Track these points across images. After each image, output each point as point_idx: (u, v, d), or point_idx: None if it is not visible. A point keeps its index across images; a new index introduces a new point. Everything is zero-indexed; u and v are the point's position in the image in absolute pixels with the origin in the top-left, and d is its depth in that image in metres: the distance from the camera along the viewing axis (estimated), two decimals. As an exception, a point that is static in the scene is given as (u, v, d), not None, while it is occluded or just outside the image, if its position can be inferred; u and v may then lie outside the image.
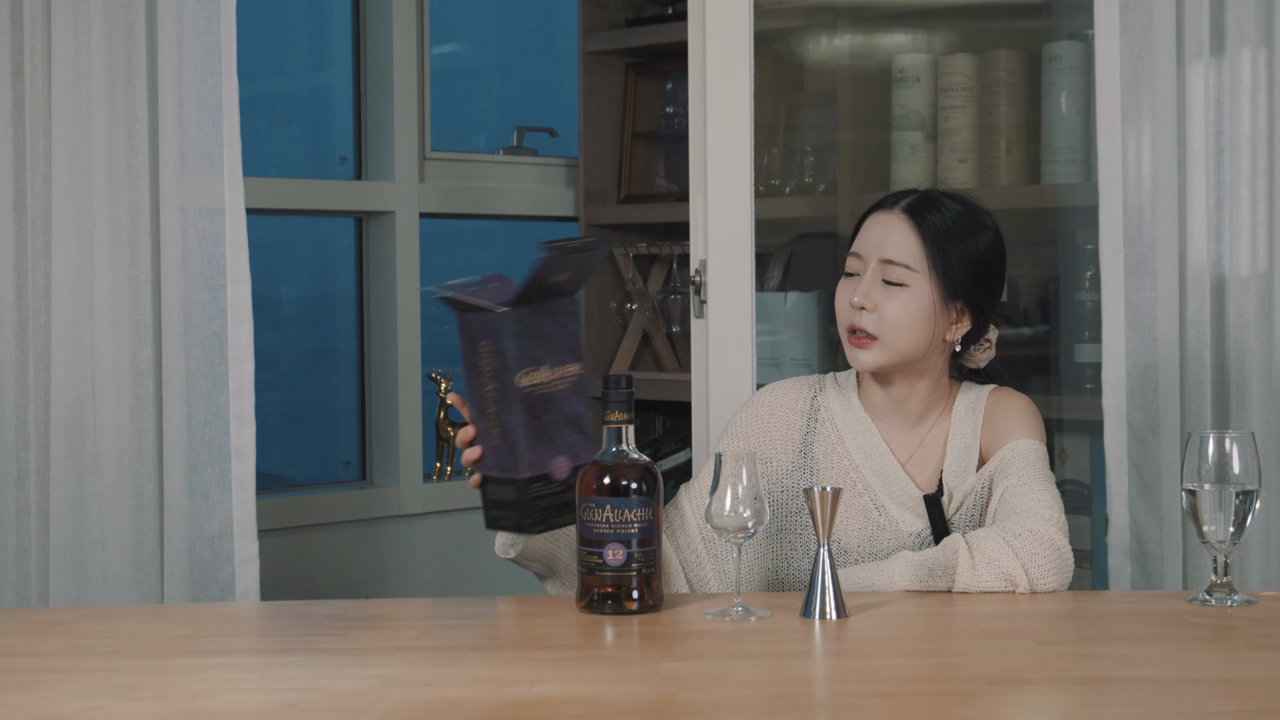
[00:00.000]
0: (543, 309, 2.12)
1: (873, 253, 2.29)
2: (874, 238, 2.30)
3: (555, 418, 2.12)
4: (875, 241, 2.29)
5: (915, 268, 2.27)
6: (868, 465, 2.33)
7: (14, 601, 2.67)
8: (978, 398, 2.35)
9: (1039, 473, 2.25)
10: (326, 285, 4.33)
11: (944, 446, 2.33)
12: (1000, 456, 2.27)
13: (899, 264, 2.27)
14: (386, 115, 3.83)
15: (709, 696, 1.71)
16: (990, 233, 2.33)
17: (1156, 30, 2.67)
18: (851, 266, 2.32)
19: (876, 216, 2.32)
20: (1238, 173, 2.68)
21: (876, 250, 2.28)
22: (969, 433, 2.32)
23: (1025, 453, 2.26)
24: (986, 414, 2.33)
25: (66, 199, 2.66)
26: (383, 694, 1.71)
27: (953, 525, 2.29)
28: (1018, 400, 2.34)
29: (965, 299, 2.30)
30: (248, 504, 2.73)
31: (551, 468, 2.12)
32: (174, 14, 2.68)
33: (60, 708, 1.67)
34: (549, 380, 2.12)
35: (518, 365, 2.10)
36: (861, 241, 2.31)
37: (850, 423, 2.36)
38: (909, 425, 2.35)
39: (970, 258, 2.29)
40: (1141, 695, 1.70)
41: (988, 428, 2.32)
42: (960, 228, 2.29)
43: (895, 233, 2.28)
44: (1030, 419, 2.31)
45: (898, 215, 2.29)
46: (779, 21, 3.60)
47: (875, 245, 2.29)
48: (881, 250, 2.28)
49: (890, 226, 2.29)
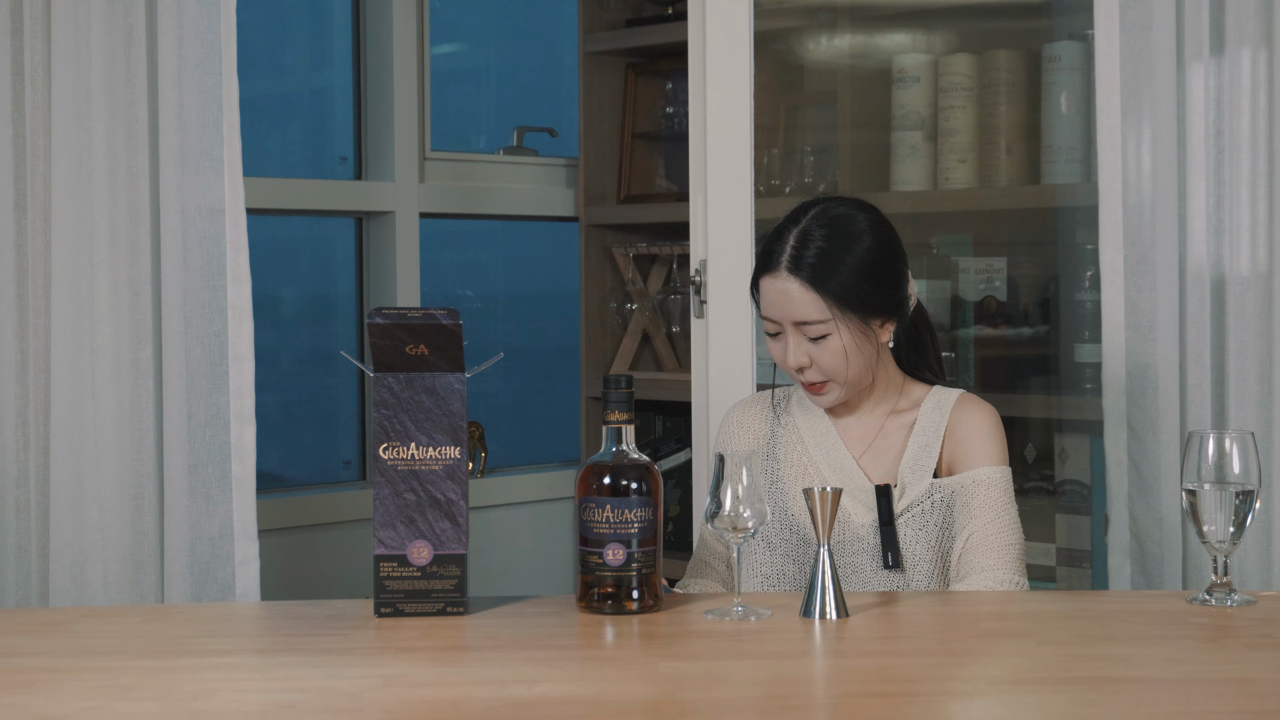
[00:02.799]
0: (418, 383, 2.05)
1: (784, 318, 2.32)
2: (778, 304, 2.32)
3: (420, 498, 2.05)
4: (780, 308, 2.31)
5: (827, 319, 2.30)
6: (825, 462, 2.38)
7: (14, 601, 2.67)
8: (945, 400, 2.38)
9: (1005, 511, 2.30)
10: (326, 285, 4.33)
11: (905, 441, 2.37)
12: (965, 483, 2.32)
13: (812, 322, 2.30)
14: (386, 115, 3.83)
15: (709, 696, 1.71)
16: (866, 237, 2.32)
17: (1156, 30, 2.67)
18: (771, 329, 2.35)
19: (768, 279, 2.33)
20: (1238, 173, 2.68)
21: (786, 316, 2.31)
22: (931, 432, 2.36)
23: (991, 485, 2.31)
24: (953, 421, 2.36)
25: (66, 199, 2.66)
26: (383, 694, 1.71)
27: (900, 522, 2.32)
28: (985, 415, 2.36)
29: (882, 312, 2.33)
30: (248, 504, 2.73)
31: (408, 550, 2.06)
32: (174, 14, 2.68)
33: (60, 708, 1.67)
34: (417, 458, 2.05)
35: (380, 435, 2.04)
36: (767, 306, 2.34)
37: (810, 425, 2.42)
38: (866, 418, 2.40)
39: (867, 279, 2.31)
40: (1141, 695, 1.70)
41: (953, 437, 2.35)
42: (845, 258, 2.30)
43: (793, 297, 2.30)
44: (997, 438, 2.35)
45: (787, 279, 2.30)
46: (779, 21, 3.60)
47: (782, 312, 2.31)
48: (790, 315, 2.31)
49: (786, 293, 2.30)
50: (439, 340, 2.03)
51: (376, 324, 2.03)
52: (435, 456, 2.05)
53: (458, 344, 2.04)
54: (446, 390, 2.05)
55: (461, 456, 2.06)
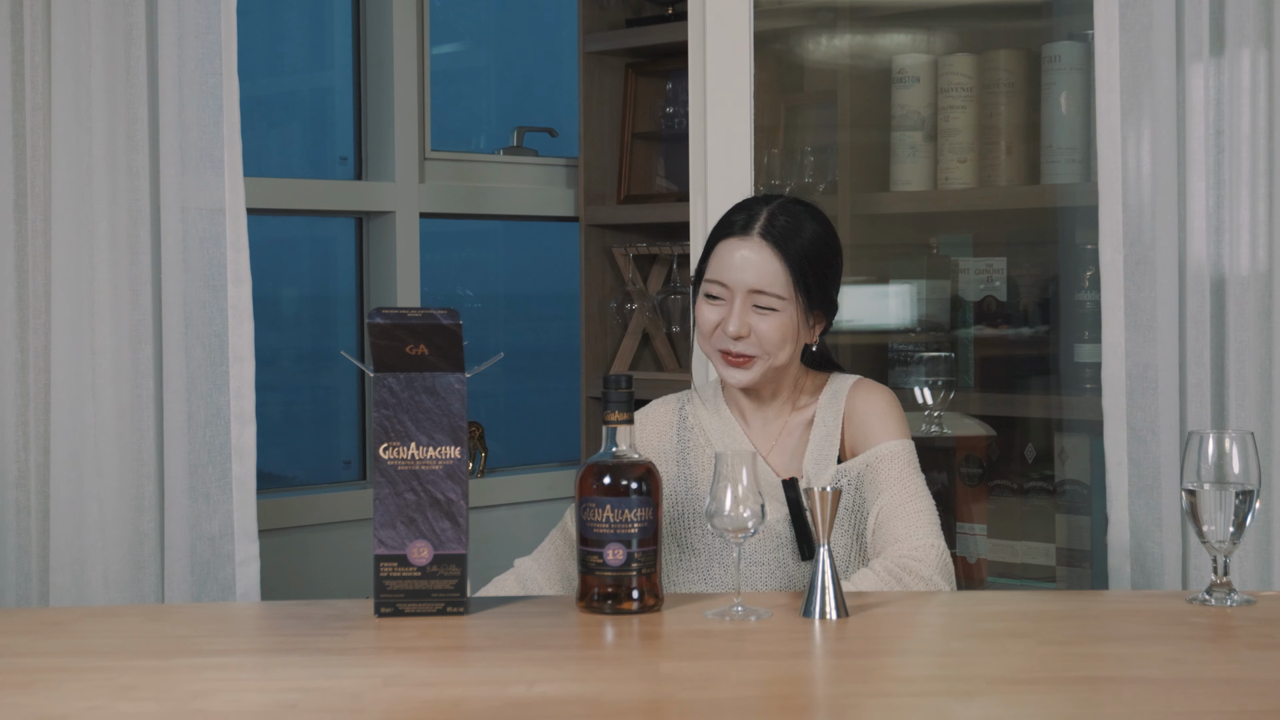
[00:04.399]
0: (418, 383, 2.05)
1: (739, 283, 2.32)
2: (739, 268, 2.32)
3: (420, 498, 2.05)
4: (740, 271, 2.32)
5: (783, 294, 2.32)
6: None
7: (14, 601, 2.67)
8: (841, 388, 2.42)
9: (910, 480, 2.33)
10: (326, 285, 4.33)
11: (807, 434, 2.41)
12: (869, 460, 2.35)
13: (769, 293, 2.32)
14: (386, 115, 3.83)
15: (709, 696, 1.71)
16: (826, 230, 2.38)
17: (1156, 30, 2.66)
18: (718, 292, 2.34)
19: (734, 242, 2.34)
20: (1238, 173, 2.68)
21: (743, 281, 2.32)
22: (831, 422, 2.40)
23: (893, 458, 2.34)
24: (849, 407, 2.40)
25: (66, 199, 2.66)
26: (383, 694, 1.71)
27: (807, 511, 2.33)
28: (880, 395, 2.40)
29: (824, 308, 2.38)
30: (248, 504, 2.72)
31: (408, 550, 2.06)
32: (174, 14, 2.68)
33: (60, 708, 1.67)
34: (417, 458, 2.06)
35: (380, 435, 2.05)
36: (723, 270, 2.34)
37: (716, 426, 2.44)
38: (772, 418, 2.43)
39: (822, 266, 2.35)
40: (1141, 695, 1.70)
41: (851, 422, 2.39)
42: (814, 245, 2.34)
43: (760, 264, 2.32)
44: (894, 415, 2.39)
45: (760, 244, 2.32)
46: (779, 21, 3.60)
47: (741, 275, 2.32)
48: (749, 282, 2.32)
49: (754, 256, 2.32)
50: (439, 340, 2.03)
51: (376, 324, 2.03)
52: (435, 456, 2.05)
53: (458, 344, 2.04)
54: (446, 390, 2.05)
55: (461, 456, 2.06)
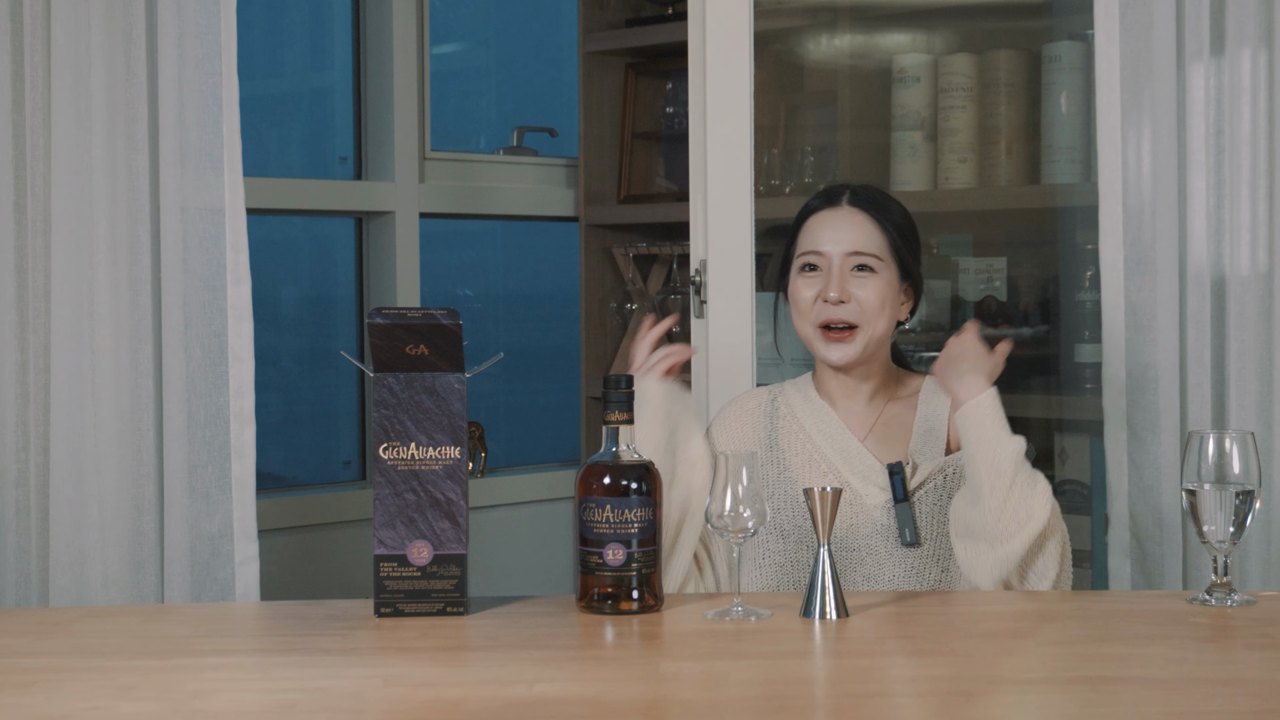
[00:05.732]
0: (418, 383, 2.05)
1: (836, 248, 2.37)
2: (831, 234, 2.38)
3: (420, 498, 2.05)
4: (834, 237, 2.38)
5: (881, 255, 2.37)
6: (830, 446, 2.40)
7: (14, 601, 2.67)
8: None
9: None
10: (326, 285, 4.33)
11: (910, 426, 2.41)
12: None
13: (867, 254, 2.37)
14: (386, 115, 3.83)
15: (709, 696, 1.71)
16: (900, 203, 2.45)
17: (1156, 30, 2.67)
18: (815, 262, 2.39)
19: (824, 215, 2.41)
20: (1238, 173, 2.68)
21: (840, 245, 2.37)
22: (936, 415, 2.40)
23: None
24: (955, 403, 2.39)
25: (66, 199, 2.66)
26: (383, 694, 1.71)
27: (914, 499, 2.34)
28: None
29: (910, 277, 2.42)
30: (248, 504, 2.72)
31: (408, 550, 2.06)
32: (174, 14, 2.68)
33: (60, 708, 1.67)
34: (417, 458, 2.06)
35: (380, 435, 2.05)
36: (818, 240, 2.39)
37: (809, 411, 2.44)
38: (865, 405, 2.43)
39: (913, 242, 2.42)
40: (1141, 695, 1.70)
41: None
42: (901, 215, 2.42)
43: (855, 226, 2.38)
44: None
45: (851, 210, 2.40)
46: (779, 21, 3.60)
47: (836, 240, 2.38)
48: (846, 244, 2.37)
49: (847, 221, 2.39)
50: (439, 340, 2.03)
51: (376, 324, 2.03)
52: (435, 456, 2.05)
53: (458, 344, 2.04)
54: (446, 390, 2.05)
55: (461, 456, 2.06)
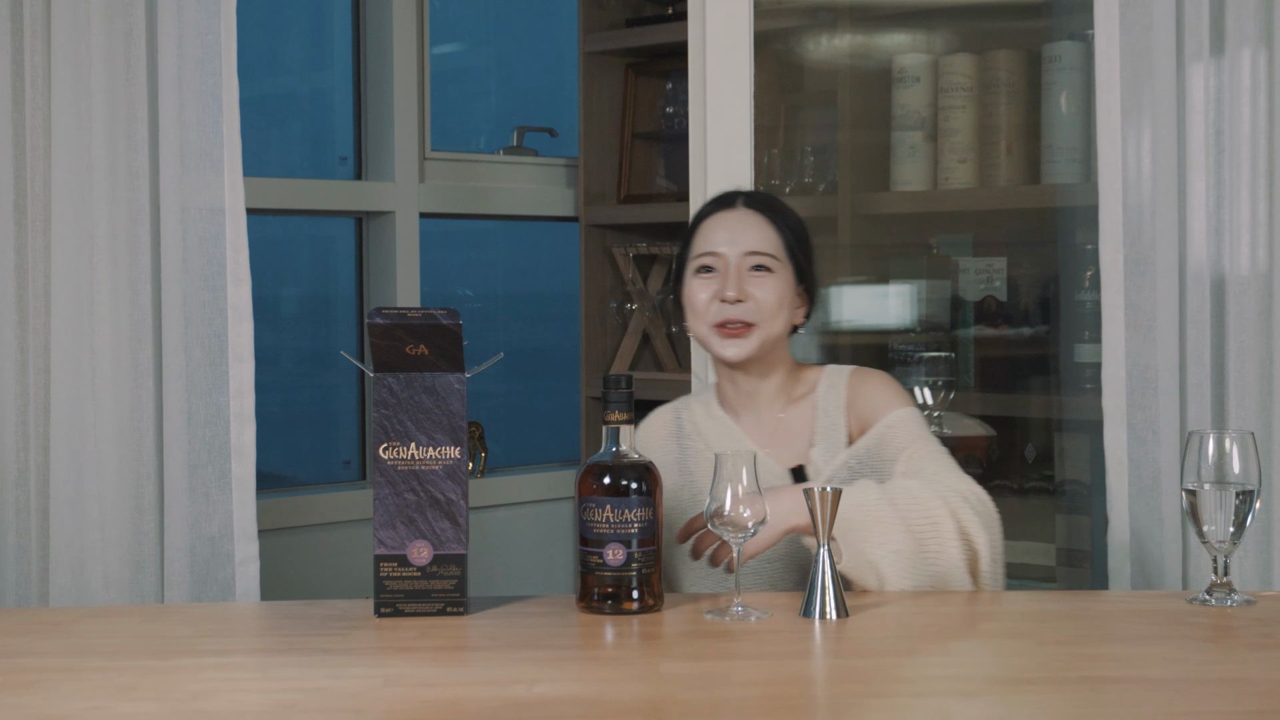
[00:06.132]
0: (417, 383, 2.05)
1: (733, 248, 2.39)
2: (727, 234, 2.41)
3: (420, 498, 2.05)
4: (730, 238, 2.40)
5: (777, 255, 2.40)
6: None
7: (14, 601, 2.67)
8: (838, 379, 2.44)
9: (927, 440, 2.36)
10: (326, 285, 4.33)
11: (811, 426, 2.42)
12: (880, 433, 2.37)
13: (764, 253, 2.39)
14: (386, 115, 3.83)
15: (709, 696, 1.71)
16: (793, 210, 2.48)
17: (1156, 30, 2.67)
18: (711, 264, 2.40)
19: (721, 216, 2.44)
20: (1238, 173, 2.68)
21: (737, 245, 2.40)
22: (834, 411, 2.42)
23: (904, 423, 2.37)
24: (850, 394, 2.42)
25: (66, 199, 2.66)
26: (383, 694, 1.71)
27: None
28: (880, 377, 2.45)
29: (806, 280, 2.44)
30: (248, 504, 2.72)
31: (408, 550, 2.06)
32: (174, 14, 2.68)
33: (60, 708, 1.67)
34: (417, 458, 2.06)
35: (380, 435, 2.05)
36: (714, 241, 2.41)
37: (712, 426, 2.47)
38: (765, 413, 2.44)
39: (808, 246, 2.45)
40: (1141, 695, 1.70)
41: (854, 407, 2.42)
42: (796, 220, 2.45)
43: (751, 226, 2.41)
44: (897, 391, 2.43)
45: (747, 212, 2.43)
46: (779, 21, 3.60)
47: (732, 241, 2.40)
48: (744, 244, 2.40)
49: (744, 222, 2.42)
50: (439, 340, 2.03)
51: (376, 324, 2.03)
52: (435, 456, 2.05)
53: (458, 344, 2.04)
54: (446, 390, 2.05)
55: (461, 456, 2.06)
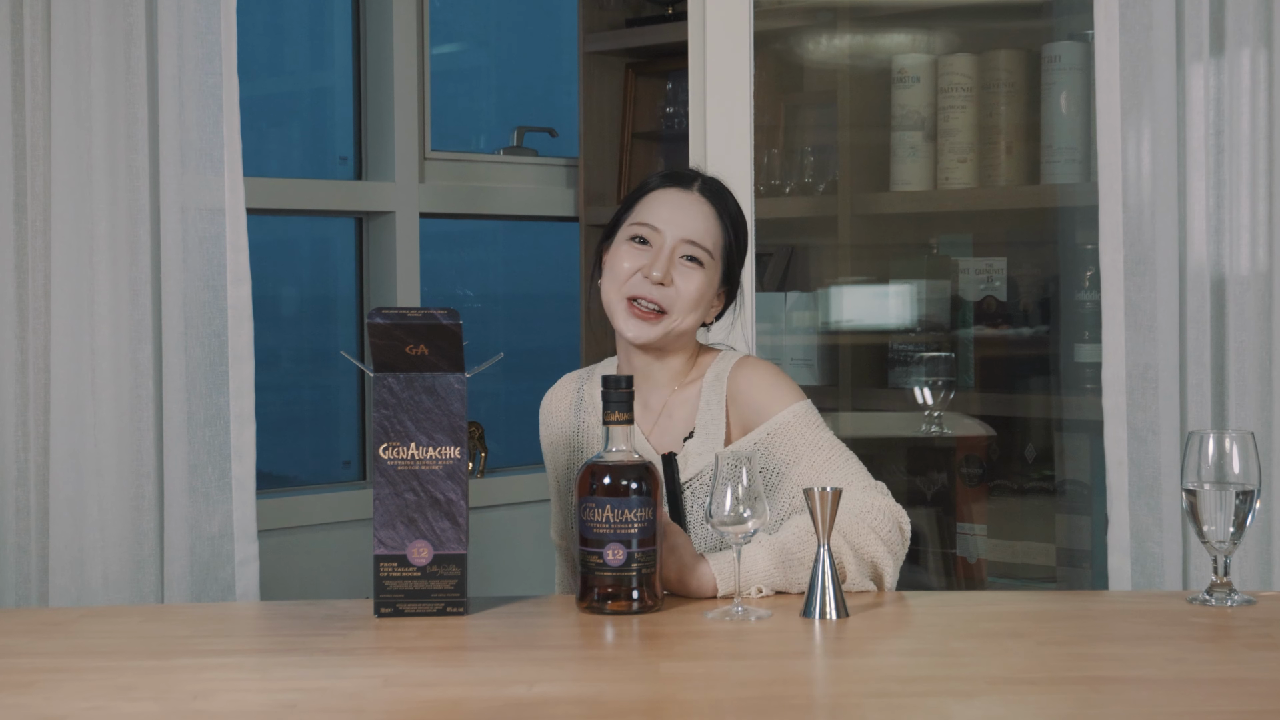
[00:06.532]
0: (418, 383, 2.05)
1: (673, 230, 2.30)
2: (672, 214, 2.30)
3: (420, 498, 2.05)
4: (674, 219, 2.30)
5: (712, 253, 2.31)
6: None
7: (14, 601, 2.67)
8: (724, 369, 2.33)
9: (823, 440, 2.24)
10: (326, 285, 4.33)
11: (691, 416, 2.33)
12: (769, 432, 2.26)
13: (701, 246, 2.30)
14: (386, 115, 3.83)
15: (709, 696, 1.71)
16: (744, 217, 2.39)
17: (1156, 30, 2.67)
18: (646, 236, 2.31)
19: (673, 192, 2.33)
20: (1238, 173, 2.68)
21: (679, 228, 2.30)
22: (715, 405, 2.31)
23: (796, 422, 2.26)
24: (731, 388, 2.31)
25: (66, 199, 2.66)
26: (383, 694, 1.71)
27: (686, 489, 2.28)
28: (763, 368, 2.32)
29: (729, 282, 2.36)
30: (248, 504, 2.73)
31: (408, 550, 2.06)
32: (174, 14, 2.68)
33: (60, 708, 1.67)
34: (417, 458, 2.05)
35: (380, 435, 2.05)
36: (657, 214, 2.31)
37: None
38: (657, 394, 2.35)
39: (743, 245, 2.36)
40: (1141, 695, 1.70)
41: (736, 403, 2.31)
42: (738, 214, 2.36)
43: (698, 216, 2.31)
44: (782, 383, 2.30)
45: (700, 198, 2.32)
46: (779, 21, 3.60)
47: (675, 223, 2.30)
48: (686, 230, 2.30)
49: (693, 207, 2.31)
50: (439, 340, 2.03)
51: (376, 324, 2.03)
52: (435, 456, 2.05)
53: (458, 344, 2.04)
54: (446, 390, 2.05)
55: (461, 456, 2.06)
